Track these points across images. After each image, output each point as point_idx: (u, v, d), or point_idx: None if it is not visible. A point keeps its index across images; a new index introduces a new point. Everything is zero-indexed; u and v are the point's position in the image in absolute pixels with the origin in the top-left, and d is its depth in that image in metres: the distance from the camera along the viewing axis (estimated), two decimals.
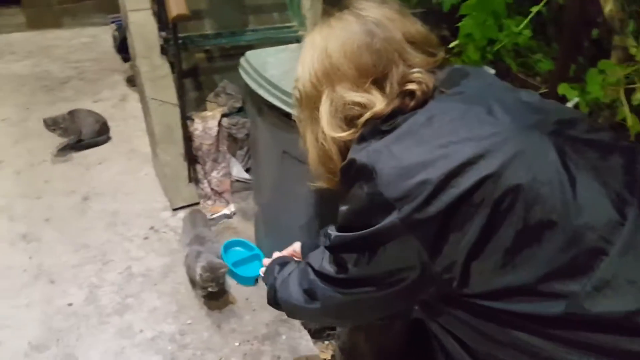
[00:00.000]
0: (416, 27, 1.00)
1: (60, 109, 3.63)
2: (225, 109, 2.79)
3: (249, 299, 2.19)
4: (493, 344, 0.91)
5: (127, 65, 4.14)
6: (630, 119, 1.53)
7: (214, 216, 2.65)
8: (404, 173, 0.86)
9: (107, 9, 4.80)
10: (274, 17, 2.93)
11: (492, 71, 1.93)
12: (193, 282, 2.15)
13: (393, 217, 0.86)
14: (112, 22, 4.52)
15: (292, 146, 1.13)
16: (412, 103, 0.95)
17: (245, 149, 2.85)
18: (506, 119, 0.89)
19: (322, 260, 1.06)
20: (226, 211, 2.68)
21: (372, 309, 1.08)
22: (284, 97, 1.75)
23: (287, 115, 1.79)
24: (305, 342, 2.02)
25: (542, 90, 1.77)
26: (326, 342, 2.10)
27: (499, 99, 0.94)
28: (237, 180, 2.83)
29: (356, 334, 1.91)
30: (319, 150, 1.05)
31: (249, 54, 1.98)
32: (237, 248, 2.42)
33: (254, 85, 1.86)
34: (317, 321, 1.45)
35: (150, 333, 2.02)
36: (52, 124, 3.06)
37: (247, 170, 2.86)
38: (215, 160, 2.74)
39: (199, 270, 2.03)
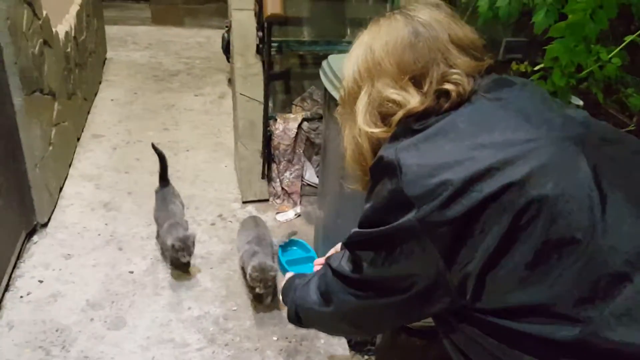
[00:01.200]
0: (464, 31, 0.98)
1: (164, 98, 3.92)
2: (308, 114, 2.85)
3: None
4: None
5: (230, 66, 4.37)
6: None
7: (280, 215, 2.70)
8: (428, 172, 0.83)
9: (225, 14, 5.09)
10: None
11: (580, 102, 1.82)
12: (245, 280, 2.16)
13: (410, 216, 0.83)
14: (226, 26, 4.78)
15: None
16: (447, 104, 0.92)
17: (320, 155, 2.89)
18: (542, 128, 0.85)
19: (341, 258, 1.04)
20: (292, 212, 2.72)
21: (386, 317, 1.05)
22: None
23: None
24: (342, 350, 1.99)
25: (630, 128, 1.64)
26: (365, 357, 2.06)
27: (539, 109, 0.90)
28: (308, 184, 2.87)
29: (392, 352, 1.86)
30: (354, 147, 1.03)
31: (332, 57, 2.01)
32: (294, 248, 2.45)
33: (329, 87, 1.89)
34: (333, 330, 1.40)
35: (197, 312, 2.09)
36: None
37: (319, 176, 2.90)
38: (290, 161, 2.80)
39: (249, 270, 2.04)
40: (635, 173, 0.84)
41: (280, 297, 1.45)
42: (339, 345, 2.00)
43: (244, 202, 2.77)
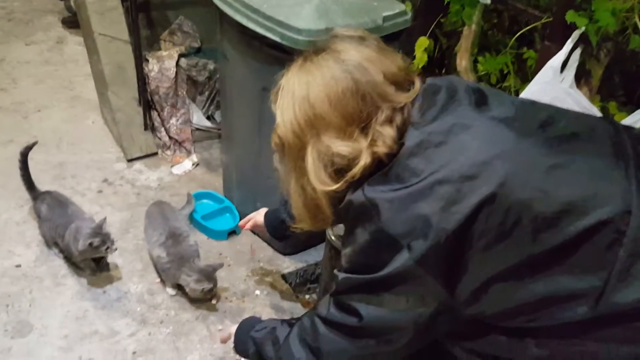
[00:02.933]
0: (396, 64, 0.97)
1: None
2: (182, 49, 2.52)
3: (222, 253, 2.01)
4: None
5: (61, 4, 3.73)
6: None
7: (176, 167, 2.42)
8: (402, 206, 0.86)
9: None
10: None
11: (488, 1, 1.79)
12: (175, 287, 1.83)
13: (405, 258, 0.85)
14: None
15: (274, 82, 1.00)
16: (396, 146, 0.91)
17: (206, 94, 2.61)
18: (486, 138, 0.87)
19: (329, 306, 1.01)
20: (188, 161, 2.45)
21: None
22: (267, 24, 1.55)
23: (270, 46, 1.59)
24: (287, 297, 1.87)
25: (545, 20, 1.64)
26: (307, 296, 1.97)
27: (472, 117, 0.91)
28: (198, 129, 2.59)
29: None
30: (305, 199, 1.00)
31: None
32: (206, 200, 2.22)
33: (229, 11, 1.63)
34: None
35: (114, 294, 1.81)
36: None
37: (209, 118, 2.63)
38: (173, 106, 2.49)
39: (192, 285, 1.71)
40: (577, 144, 0.89)
41: (233, 347, 1.31)
42: (283, 292, 1.88)
43: (129, 160, 2.42)
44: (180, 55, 2.49)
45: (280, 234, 1.60)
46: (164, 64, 2.42)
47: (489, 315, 0.90)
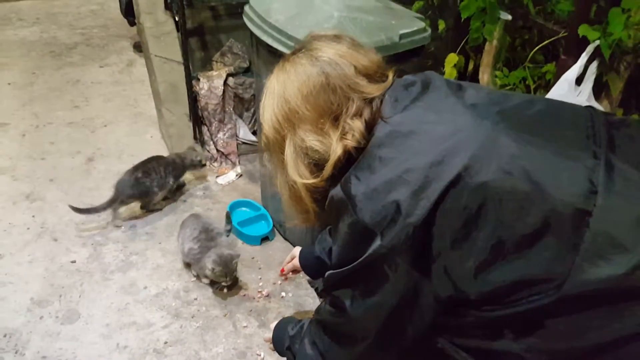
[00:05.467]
0: (368, 56, 1.01)
1: (67, 73, 3.61)
2: (231, 69, 2.71)
3: (254, 257, 2.14)
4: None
5: (134, 30, 4.07)
6: None
7: (221, 178, 2.59)
8: (374, 195, 0.88)
9: None
10: None
11: (509, 17, 1.83)
12: (200, 277, 2.01)
13: (377, 245, 0.88)
14: None
15: None
16: (367, 136, 0.95)
17: (252, 110, 2.78)
18: (454, 122, 0.89)
19: (325, 305, 1.07)
20: (233, 173, 2.62)
21: (385, 353, 1.04)
22: (291, 43, 1.68)
23: None
24: (311, 299, 1.97)
25: (562, 35, 1.67)
26: None
27: (449, 101, 0.94)
28: (244, 142, 2.77)
29: None
30: (289, 192, 1.06)
31: (254, 0, 1.90)
32: (244, 208, 2.37)
33: (258, 33, 1.78)
34: None
35: (154, 290, 1.98)
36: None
37: (254, 133, 2.80)
38: (221, 121, 2.67)
39: (209, 265, 1.87)
40: (540, 125, 0.91)
41: (273, 347, 1.43)
42: (307, 295, 1.98)
43: None
44: (229, 75, 2.68)
45: (316, 271, 1.61)
46: (212, 83, 2.61)
47: (465, 300, 0.89)
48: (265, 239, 2.21)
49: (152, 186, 2.29)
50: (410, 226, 0.85)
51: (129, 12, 3.86)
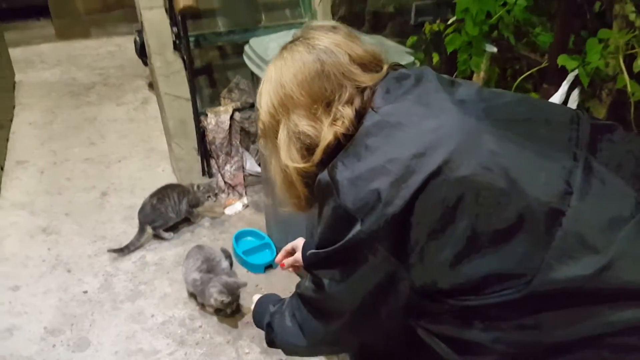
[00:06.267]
0: (363, 47, 1.04)
1: (84, 112, 3.78)
2: (238, 104, 2.83)
3: (258, 285, 2.21)
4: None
5: (148, 69, 4.25)
6: (630, 86, 1.49)
7: (229, 208, 2.68)
8: (357, 182, 0.90)
9: (133, 19, 4.93)
10: (286, 14, 2.96)
11: (494, 49, 1.91)
12: (204, 306, 2.06)
13: (357, 230, 0.89)
14: (137, 30, 4.64)
15: None
16: (357, 124, 0.97)
17: (257, 143, 2.89)
18: (440, 117, 0.91)
19: (305, 281, 1.09)
20: (240, 204, 2.71)
21: (358, 329, 1.07)
22: None
23: None
24: None
25: (544, 65, 1.74)
26: None
27: (432, 97, 0.96)
28: (250, 174, 2.86)
29: None
30: (282, 177, 1.08)
31: (253, 40, 2.01)
32: (248, 238, 2.45)
33: (256, 70, 1.89)
34: (313, 354, 1.41)
35: (161, 318, 2.05)
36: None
37: (260, 165, 2.89)
38: (228, 154, 2.78)
39: (215, 295, 1.93)
40: (524, 127, 0.92)
41: (252, 321, 1.46)
42: None
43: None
44: (235, 110, 2.79)
45: None
46: (219, 118, 2.73)
47: (440, 289, 0.91)
48: (269, 267, 2.28)
49: (167, 212, 2.44)
50: (389, 214, 0.86)
51: (143, 52, 4.05)
